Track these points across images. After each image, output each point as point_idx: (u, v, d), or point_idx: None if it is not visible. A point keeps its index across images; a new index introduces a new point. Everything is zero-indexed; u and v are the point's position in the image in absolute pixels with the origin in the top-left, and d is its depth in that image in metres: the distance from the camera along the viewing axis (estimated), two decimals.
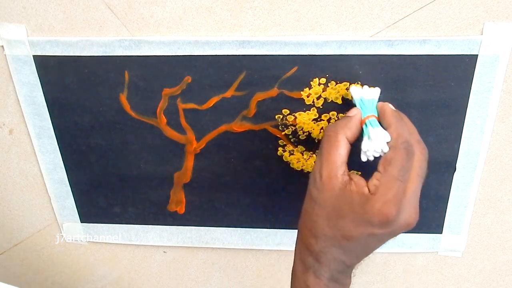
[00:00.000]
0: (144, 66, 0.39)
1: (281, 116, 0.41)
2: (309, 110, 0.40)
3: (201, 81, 0.40)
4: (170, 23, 0.38)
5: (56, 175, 0.46)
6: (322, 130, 0.41)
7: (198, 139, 0.43)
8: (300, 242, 0.33)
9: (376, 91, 0.35)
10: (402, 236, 0.46)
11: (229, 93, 0.40)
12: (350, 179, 0.30)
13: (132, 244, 0.51)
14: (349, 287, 0.34)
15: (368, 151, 0.32)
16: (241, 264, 0.51)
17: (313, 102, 0.40)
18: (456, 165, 0.41)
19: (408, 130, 0.31)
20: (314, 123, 0.40)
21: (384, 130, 0.31)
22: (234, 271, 0.52)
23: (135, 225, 0.49)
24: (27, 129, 0.44)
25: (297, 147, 0.42)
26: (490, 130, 0.40)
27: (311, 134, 0.41)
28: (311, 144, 0.42)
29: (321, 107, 0.40)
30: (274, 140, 0.42)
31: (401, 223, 0.28)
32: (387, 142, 0.31)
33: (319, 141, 0.41)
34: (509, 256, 0.47)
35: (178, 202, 0.47)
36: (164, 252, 0.51)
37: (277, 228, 0.47)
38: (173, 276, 0.53)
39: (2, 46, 0.39)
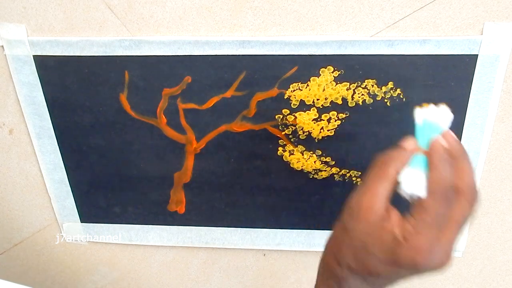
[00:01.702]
0: (144, 66, 0.39)
1: (281, 116, 0.41)
2: (309, 110, 0.40)
3: (201, 81, 0.40)
4: (170, 23, 0.38)
5: (56, 175, 0.46)
6: (322, 130, 0.41)
7: (198, 139, 0.43)
8: (325, 263, 0.33)
9: (443, 113, 0.29)
10: None
11: (229, 93, 0.40)
12: (388, 215, 0.29)
13: (132, 244, 0.51)
14: None
15: (404, 192, 0.29)
16: (241, 264, 0.51)
17: (313, 102, 0.40)
18: None
19: (459, 173, 0.27)
20: (314, 123, 0.40)
21: (421, 174, 0.28)
22: (234, 271, 0.52)
23: (135, 225, 0.49)
24: (27, 129, 0.44)
25: (297, 147, 0.42)
26: (490, 130, 0.40)
27: (311, 134, 0.41)
28: (311, 144, 0.42)
29: (321, 107, 0.40)
30: (274, 140, 0.42)
31: (430, 266, 0.27)
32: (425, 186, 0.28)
33: (319, 141, 0.41)
34: (509, 256, 0.47)
35: (178, 202, 0.47)
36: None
37: (277, 228, 0.47)
38: (173, 276, 0.53)
39: (2, 46, 0.39)
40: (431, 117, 0.29)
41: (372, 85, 0.38)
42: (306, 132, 0.41)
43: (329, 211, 0.45)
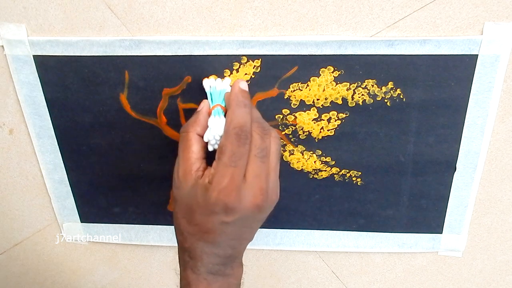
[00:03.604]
0: (144, 66, 0.39)
1: (281, 116, 0.41)
2: (309, 110, 0.40)
3: (201, 81, 0.39)
4: (170, 23, 0.38)
5: (56, 175, 0.46)
6: (322, 130, 0.41)
7: None
8: (177, 242, 0.34)
9: (226, 82, 0.36)
10: (402, 236, 0.46)
11: None
12: (203, 173, 0.30)
13: (132, 244, 0.51)
14: (238, 276, 0.34)
15: (210, 141, 0.32)
16: None
17: (313, 102, 0.40)
18: (456, 165, 0.41)
19: (252, 113, 0.31)
20: (314, 123, 0.40)
21: (219, 118, 0.32)
22: None
23: (135, 225, 0.49)
24: (27, 129, 0.44)
25: (297, 147, 0.42)
26: (490, 130, 0.40)
27: (311, 134, 0.41)
28: (311, 144, 0.42)
29: (321, 107, 0.40)
30: None
31: (246, 206, 0.28)
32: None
33: (319, 141, 0.41)
34: (509, 256, 0.47)
35: None
36: None
37: (277, 228, 0.47)
38: (173, 276, 0.53)
39: (2, 46, 0.39)
40: (218, 85, 0.35)
41: (372, 85, 0.38)
42: (306, 132, 0.41)
43: (329, 211, 0.45)
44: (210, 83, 0.36)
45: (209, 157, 0.33)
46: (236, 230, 0.30)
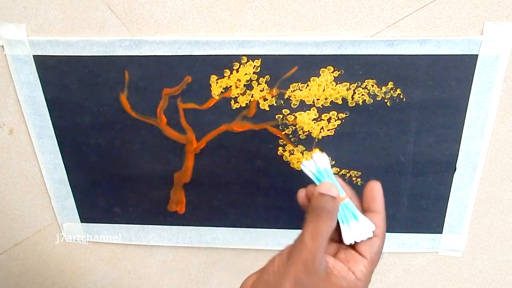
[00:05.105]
0: (144, 66, 0.39)
1: (281, 116, 0.41)
2: (309, 110, 0.40)
3: (201, 81, 0.40)
4: (170, 23, 0.38)
5: (56, 175, 0.46)
6: (322, 130, 0.41)
7: (198, 139, 0.43)
8: None
9: (324, 158, 0.31)
10: (402, 236, 0.46)
11: (229, 93, 0.40)
12: (327, 266, 0.29)
13: (132, 244, 0.51)
14: None
15: (355, 240, 0.30)
16: (241, 264, 0.51)
17: (313, 102, 0.40)
18: (456, 165, 0.41)
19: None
20: (314, 123, 0.40)
21: (368, 221, 0.30)
22: (234, 271, 0.52)
23: (135, 225, 0.49)
24: (27, 129, 0.44)
25: (297, 146, 0.42)
26: (490, 130, 0.40)
27: (311, 134, 0.41)
28: (311, 143, 0.42)
29: (321, 107, 0.40)
30: (274, 140, 0.42)
31: None
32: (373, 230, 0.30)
33: (319, 140, 0.41)
34: (509, 256, 0.47)
35: (178, 202, 0.47)
36: None
37: (277, 228, 0.47)
38: (173, 276, 0.53)
39: (2, 46, 0.39)
40: (318, 162, 0.31)
41: (372, 85, 0.38)
42: (306, 132, 0.41)
43: None
44: (308, 166, 0.32)
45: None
46: None
